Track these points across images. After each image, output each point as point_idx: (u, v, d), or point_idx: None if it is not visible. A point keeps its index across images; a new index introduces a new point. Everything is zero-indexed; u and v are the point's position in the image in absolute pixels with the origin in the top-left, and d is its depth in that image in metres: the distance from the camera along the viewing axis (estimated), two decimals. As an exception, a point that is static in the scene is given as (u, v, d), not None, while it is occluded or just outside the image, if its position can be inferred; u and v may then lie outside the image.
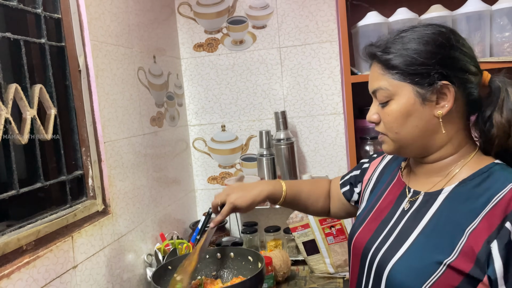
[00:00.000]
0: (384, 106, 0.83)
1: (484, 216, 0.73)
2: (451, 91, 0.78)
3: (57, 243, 1.07)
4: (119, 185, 1.37)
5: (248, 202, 1.05)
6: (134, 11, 1.57)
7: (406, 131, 0.82)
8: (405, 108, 0.80)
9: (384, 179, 1.00)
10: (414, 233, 0.80)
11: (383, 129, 0.85)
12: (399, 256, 0.79)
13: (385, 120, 0.84)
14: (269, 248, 1.76)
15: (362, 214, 0.98)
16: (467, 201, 0.77)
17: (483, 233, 0.72)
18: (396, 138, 0.83)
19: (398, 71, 0.80)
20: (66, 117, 1.22)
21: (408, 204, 0.86)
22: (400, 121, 0.81)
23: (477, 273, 0.71)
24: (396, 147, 0.85)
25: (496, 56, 1.46)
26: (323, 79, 1.87)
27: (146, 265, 1.49)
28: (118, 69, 1.41)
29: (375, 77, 0.85)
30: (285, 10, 1.88)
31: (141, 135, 1.54)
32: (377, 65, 0.84)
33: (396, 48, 0.81)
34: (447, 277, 0.73)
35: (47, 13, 1.15)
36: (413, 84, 0.79)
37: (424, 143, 0.83)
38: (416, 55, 0.79)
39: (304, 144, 1.93)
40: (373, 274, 0.84)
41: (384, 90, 0.82)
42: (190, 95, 2.01)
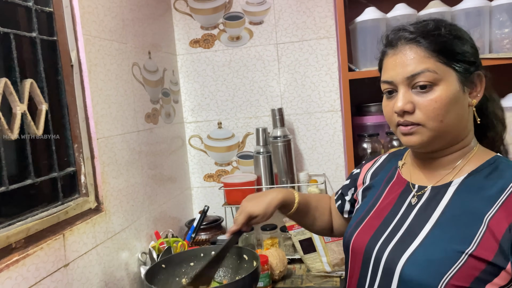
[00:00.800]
0: (426, 92, 0.79)
1: (502, 205, 0.74)
2: (483, 81, 0.82)
3: (48, 241, 1.05)
4: (113, 182, 1.35)
5: (263, 208, 1.02)
6: (129, 5, 1.54)
7: (451, 118, 0.79)
8: (453, 94, 0.78)
9: (379, 180, 0.98)
10: (427, 226, 0.79)
11: (421, 119, 0.79)
12: (412, 250, 0.77)
13: (430, 107, 0.78)
14: (265, 246, 1.75)
15: (358, 216, 0.95)
16: (481, 191, 0.78)
17: (503, 221, 0.72)
18: (438, 127, 0.79)
19: (446, 56, 0.79)
20: (58, 112, 1.20)
21: (415, 199, 0.85)
22: (447, 108, 0.78)
23: (500, 260, 0.71)
24: (432, 137, 0.80)
25: (495, 52, 1.44)
26: (321, 76, 1.85)
27: (140, 263, 1.48)
28: (112, 65, 1.39)
29: (417, 60, 0.79)
30: (282, 6, 1.86)
31: (135, 132, 1.52)
32: (417, 48, 0.80)
33: (444, 33, 0.80)
34: (469, 267, 0.72)
35: (38, 7, 1.13)
36: (457, 71, 0.79)
37: (458, 132, 0.83)
38: (465, 43, 0.81)
39: (301, 141, 1.91)
40: (380, 272, 0.81)
41: (432, 73, 0.78)
42: (186, 92, 1.99)
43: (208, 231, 1.79)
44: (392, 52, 0.84)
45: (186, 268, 1.32)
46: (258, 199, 1.04)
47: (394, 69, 0.82)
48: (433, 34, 0.80)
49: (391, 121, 0.85)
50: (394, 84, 0.82)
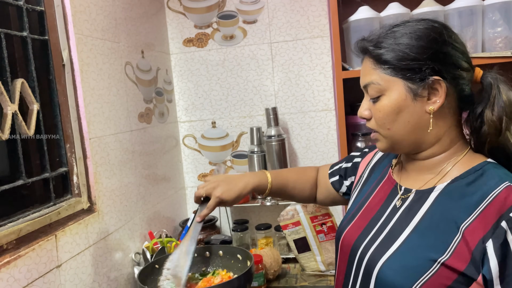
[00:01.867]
0: (376, 102, 0.82)
1: (479, 214, 0.72)
2: (443, 86, 0.77)
3: (40, 242, 1.04)
4: (106, 182, 1.34)
5: (234, 195, 1.05)
6: (122, 4, 1.53)
7: (398, 127, 0.80)
8: (396, 103, 0.79)
9: (374, 177, 0.98)
10: (406, 231, 0.79)
11: (375, 126, 0.84)
12: (390, 254, 0.78)
13: (377, 116, 0.82)
14: (260, 246, 1.75)
15: (351, 211, 0.96)
16: (461, 199, 0.76)
17: (478, 231, 0.71)
18: (388, 134, 0.82)
19: (390, 65, 0.79)
20: (49, 112, 1.19)
21: (400, 202, 0.85)
22: (391, 117, 0.80)
23: (471, 272, 0.70)
24: (390, 144, 0.84)
25: (488, 51, 1.45)
26: (315, 75, 1.85)
27: (134, 264, 1.47)
28: (104, 64, 1.38)
29: (367, 71, 0.83)
30: (276, 5, 1.86)
31: (128, 132, 1.51)
32: (368, 60, 0.83)
33: (388, 42, 0.80)
34: (441, 275, 0.71)
35: (29, 6, 1.11)
36: (404, 79, 0.78)
37: (416, 139, 0.81)
38: (408, 50, 0.78)
39: (295, 140, 1.91)
40: (362, 272, 0.82)
41: (376, 85, 0.81)
42: (179, 91, 1.98)
43: (202, 231, 1.78)
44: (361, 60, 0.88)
45: (180, 268, 1.31)
46: (230, 185, 1.05)
47: (360, 77, 0.87)
48: (380, 46, 0.80)
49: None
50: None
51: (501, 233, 0.69)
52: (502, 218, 0.69)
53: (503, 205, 0.70)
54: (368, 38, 0.85)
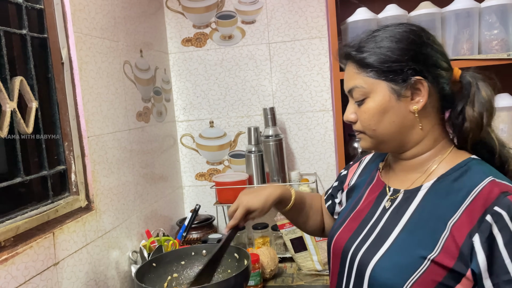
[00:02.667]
0: (361, 105, 0.84)
1: (465, 210, 0.74)
2: (425, 86, 0.80)
3: (38, 239, 1.04)
4: (104, 180, 1.35)
5: (261, 202, 1.01)
6: (121, 4, 1.54)
7: (383, 127, 0.82)
8: (381, 105, 0.81)
9: (363, 181, 1.00)
10: (395, 231, 0.80)
11: (360, 128, 0.86)
12: (381, 254, 0.79)
13: (362, 118, 0.84)
14: (256, 245, 1.75)
15: (342, 216, 0.97)
16: (448, 196, 0.78)
17: (465, 226, 0.72)
18: (374, 134, 0.84)
19: (373, 69, 0.81)
20: (48, 110, 1.19)
21: (389, 202, 0.86)
22: (376, 118, 0.82)
23: (460, 267, 0.72)
24: (374, 143, 0.86)
25: (484, 53, 1.46)
26: (312, 75, 1.86)
27: (131, 262, 1.47)
28: (103, 63, 1.38)
29: (351, 76, 0.85)
30: (274, 6, 1.86)
31: (126, 130, 1.52)
32: (351, 65, 0.85)
33: (370, 46, 0.83)
34: (431, 272, 0.73)
35: (28, 4, 1.12)
36: (387, 81, 0.81)
37: (401, 138, 0.84)
38: (389, 53, 0.80)
39: (292, 140, 1.92)
40: (354, 273, 0.83)
41: (360, 88, 0.83)
42: (178, 91, 1.99)
43: (199, 230, 1.78)
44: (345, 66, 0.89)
45: (177, 267, 1.32)
46: (256, 194, 1.04)
47: (344, 83, 0.89)
48: (362, 50, 0.83)
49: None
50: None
51: (486, 227, 0.70)
52: (486, 212, 0.71)
53: (487, 200, 0.72)
54: (350, 44, 0.87)
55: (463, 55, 1.47)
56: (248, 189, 1.10)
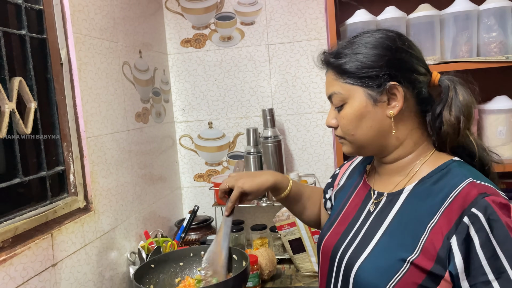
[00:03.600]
0: (340, 110, 0.85)
1: (443, 212, 0.74)
2: (400, 91, 0.80)
3: (36, 240, 1.04)
4: (102, 181, 1.34)
5: (256, 186, 1.04)
6: (120, 4, 1.54)
7: (361, 132, 0.84)
8: (358, 110, 0.83)
9: (351, 183, 1.01)
10: (378, 234, 0.82)
11: (341, 133, 0.87)
12: (364, 257, 0.81)
13: (341, 123, 0.86)
14: (255, 246, 1.75)
15: (331, 218, 0.99)
16: (427, 198, 0.78)
17: (443, 229, 0.73)
18: (353, 140, 0.86)
19: (349, 75, 0.83)
20: (47, 111, 1.19)
21: (373, 206, 0.88)
22: (354, 123, 0.84)
23: (438, 269, 0.72)
24: (355, 148, 0.88)
25: (483, 56, 1.46)
26: (311, 77, 1.86)
27: (130, 263, 1.47)
28: (102, 63, 1.38)
29: (330, 83, 0.87)
30: (273, 7, 1.86)
31: (125, 131, 1.52)
32: (330, 71, 0.87)
33: (347, 53, 0.84)
34: (411, 274, 0.74)
35: (28, 4, 1.12)
36: (363, 86, 0.82)
37: (380, 143, 0.85)
38: (365, 59, 0.81)
39: (291, 142, 1.92)
40: (341, 276, 0.85)
41: (338, 95, 0.84)
42: (177, 91, 1.99)
43: (197, 231, 1.78)
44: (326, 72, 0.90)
45: (176, 268, 1.32)
46: (252, 177, 1.06)
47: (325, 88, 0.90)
48: (340, 57, 0.84)
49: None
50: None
51: (463, 228, 0.71)
52: (464, 213, 0.71)
53: (465, 201, 0.72)
54: (329, 51, 0.89)
55: (461, 58, 1.47)
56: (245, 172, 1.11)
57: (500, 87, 1.57)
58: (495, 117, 1.47)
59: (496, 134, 1.47)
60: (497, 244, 0.69)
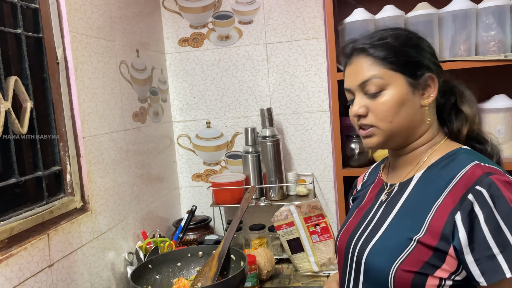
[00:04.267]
0: (376, 97, 0.85)
1: (449, 192, 0.78)
2: (435, 82, 0.86)
3: (32, 240, 1.03)
4: (99, 181, 1.34)
5: None
6: (117, 3, 1.53)
7: (400, 120, 0.84)
8: (400, 96, 0.84)
9: (367, 185, 1.04)
10: (388, 219, 0.85)
11: (374, 121, 0.86)
12: (375, 240, 0.83)
13: (378, 110, 0.85)
14: (253, 246, 1.74)
15: (346, 218, 1.01)
16: (435, 182, 0.82)
17: (448, 206, 0.76)
18: (389, 127, 0.85)
19: (392, 61, 0.84)
20: (43, 110, 1.18)
21: (385, 196, 0.91)
22: (394, 110, 0.84)
23: (443, 246, 0.74)
24: (385, 138, 0.86)
25: (481, 54, 1.46)
26: (310, 76, 1.86)
27: (127, 263, 1.46)
28: (99, 62, 1.37)
29: (365, 68, 0.86)
30: (271, 6, 1.86)
31: (123, 131, 1.51)
32: (364, 58, 0.86)
33: (385, 41, 0.86)
34: (418, 252, 0.76)
35: (24, 3, 1.11)
36: (404, 74, 0.84)
37: (410, 131, 0.87)
38: (406, 48, 0.85)
39: (290, 141, 1.91)
40: (354, 265, 0.87)
41: (377, 80, 0.84)
42: (174, 91, 1.98)
43: (196, 231, 1.78)
44: (348, 62, 0.91)
45: (173, 268, 1.31)
46: None
47: (350, 78, 0.89)
48: (379, 44, 0.86)
49: (354, 125, 0.91)
50: (351, 91, 0.89)
51: (468, 204, 0.74)
52: (468, 191, 0.75)
53: (469, 180, 0.76)
54: (359, 40, 0.89)
55: (460, 56, 1.47)
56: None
57: (499, 86, 1.57)
58: (494, 116, 1.47)
59: (495, 133, 1.46)
60: (501, 218, 0.71)
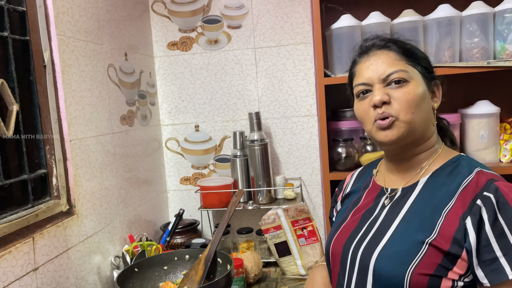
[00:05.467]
0: (402, 86, 0.87)
1: (458, 197, 0.81)
2: (440, 88, 0.93)
3: (17, 244, 1.03)
4: (86, 185, 1.33)
5: None
6: (105, 6, 1.53)
7: (420, 114, 0.87)
8: (423, 91, 0.88)
9: (358, 187, 1.04)
10: (395, 223, 0.85)
11: (397, 109, 0.85)
12: (382, 245, 0.83)
13: (404, 98, 0.86)
14: (241, 250, 1.75)
15: (336, 223, 1.00)
16: (443, 187, 0.84)
17: (458, 211, 0.79)
18: (410, 118, 0.85)
19: (416, 59, 0.90)
20: (29, 113, 1.18)
21: (388, 200, 0.91)
22: (418, 101, 0.86)
23: (455, 249, 0.77)
24: (406, 130, 0.86)
25: (465, 61, 1.48)
26: (298, 80, 1.87)
27: (114, 267, 1.45)
28: (86, 66, 1.37)
29: (391, 62, 0.89)
30: (260, 11, 1.87)
31: (110, 134, 1.50)
32: (390, 52, 0.90)
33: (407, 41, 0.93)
34: (431, 254, 0.78)
35: (10, 6, 1.11)
36: (423, 75, 0.90)
37: (424, 130, 0.90)
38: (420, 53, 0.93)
39: (278, 145, 1.92)
40: (356, 269, 0.86)
41: (404, 72, 0.88)
42: (163, 94, 1.98)
43: (183, 234, 1.77)
44: (365, 58, 0.93)
45: (160, 271, 1.31)
46: None
47: (369, 71, 0.90)
48: (399, 41, 0.92)
49: (368, 118, 0.89)
50: (369, 84, 0.90)
51: (477, 209, 0.77)
52: (477, 197, 0.79)
53: (477, 186, 0.80)
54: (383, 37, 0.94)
55: (444, 63, 1.49)
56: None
57: (482, 92, 1.60)
58: (477, 121, 1.49)
59: (478, 138, 1.49)
60: (505, 223, 0.75)
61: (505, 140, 1.51)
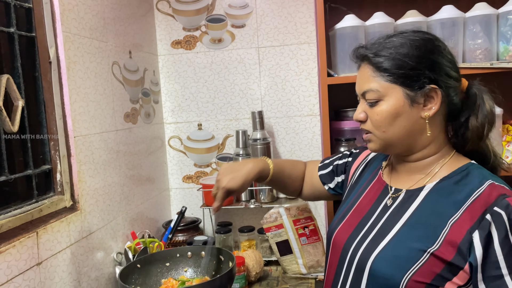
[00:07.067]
0: (373, 106, 0.86)
1: (466, 209, 0.78)
2: (438, 94, 0.84)
3: (21, 238, 1.03)
4: (89, 181, 1.34)
5: (240, 182, 1.06)
6: (110, 4, 1.54)
7: (393, 130, 0.85)
8: (394, 109, 0.84)
9: (365, 178, 1.03)
10: (396, 226, 0.84)
11: (370, 127, 0.88)
12: (381, 247, 0.83)
13: (374, 119, 0.87)
14: (242, 248, 1.75)
15: (342, 211, 1.00)
16: (450, 196, 0.82)
17: (466, 224, 0.77)
18: (383, 136, 0.87)
19: (390, 73, 0.84)
20: (34, 109, 1.18)
21: (390, 200, 0.90)
22: (388, 121, 0.85)
23: (458, 261, 0.76)
24: (382, 145, 0.89)
25: (468, 62, 1.49)
26: (301, 80, 1.88)
27: (116, 263, 1.46)
28: (91, 63, 1.38)
29: (366, 79, 0.87)
30: (264, 10, 1.88)
31: (114, 131, 1.51)
32: (367, 67, 0.87)
33: (388, 51, 0.85)
34: (430, 264, 0.77)
35: (17, 2, 1.12)
36: (403, 86, 0.84)
37: (409, 142, 0.87)
38: (407, 59, 0.83)
39: (280, 144, 1.93)
40: (353, 268, 0.86)
41: (375, 92, 0.85)
42: (166, 92, 1.99)
43: (185, 232, 1.78)
44: (358, 67, 0.93)
45: (162, 268, 1.32)
46: (234, 174, 1.07)
47: (356, 84, 0.92)
48: (380, 54, 0.85)
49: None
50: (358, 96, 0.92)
51: (486, 224, 0.75)
52: (486, 211, 0.76)
53: (487, 200, 0.77)
54: (367, 46, 0.89)
55: (447, 63, 1.49)
56: (227, 167, 1.11)
57: (485, 93, 1.60)
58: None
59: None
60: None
61: (507, 142, 1.51)
